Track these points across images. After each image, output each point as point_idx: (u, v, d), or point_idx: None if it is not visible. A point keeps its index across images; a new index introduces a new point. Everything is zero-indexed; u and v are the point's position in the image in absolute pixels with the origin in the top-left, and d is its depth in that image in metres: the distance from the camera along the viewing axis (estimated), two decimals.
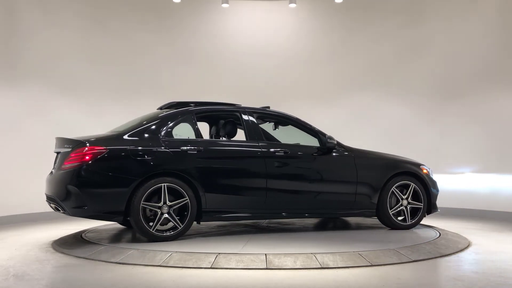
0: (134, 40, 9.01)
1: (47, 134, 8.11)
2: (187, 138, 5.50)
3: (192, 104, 5.84)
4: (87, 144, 5.09)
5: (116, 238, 5.58)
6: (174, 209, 5.15)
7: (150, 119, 5.52)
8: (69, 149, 5.21)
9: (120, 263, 4.48)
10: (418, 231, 5.87)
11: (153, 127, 5.38)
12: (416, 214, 6.01)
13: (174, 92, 8.95)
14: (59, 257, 4.88)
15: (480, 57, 8.16)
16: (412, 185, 5.98)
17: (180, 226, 5.18)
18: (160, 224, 5.17)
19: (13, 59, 7.80)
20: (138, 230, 5.15)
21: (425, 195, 6.03)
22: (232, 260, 4.37)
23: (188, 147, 5.30)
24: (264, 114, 6.05)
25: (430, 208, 6.10)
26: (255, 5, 9.39)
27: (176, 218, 5.17)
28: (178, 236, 5.20)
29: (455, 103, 8.40)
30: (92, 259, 4.67)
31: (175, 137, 5.46)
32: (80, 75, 8.53)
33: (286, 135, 6.19)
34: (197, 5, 9.25)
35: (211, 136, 6.33)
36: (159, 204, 5.10)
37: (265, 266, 4.25)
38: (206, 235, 5.71)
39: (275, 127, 6.27)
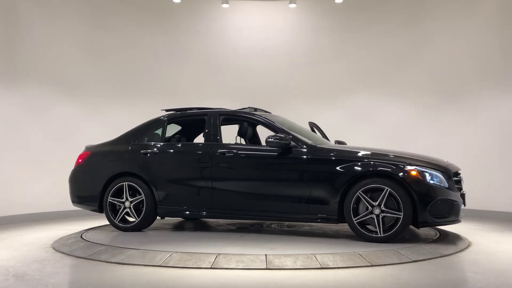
0: (134, 40, 9.01)
1: (47, 134, 8.13)
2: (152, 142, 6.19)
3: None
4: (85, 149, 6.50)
5: (116, 238, 5.58)
6: (135, 205, 5.92)
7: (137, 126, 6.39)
8: None
9: (120, 263, 4.48)
10: (418, 231, 5.85)
11: (131, 133, 6.30)
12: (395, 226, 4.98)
13: (174, 92, 8.97)
14: (59, 257, 4.88)
15: (480, 57, 8.15)
16: (386, 189, 4.96)
17: (137, 219, 5.92)
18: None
19: (12, 59, 7.80)
20: (107, 220, 6.09)
21: (409, 202, 4.94)
22: (232, 260, 4.37)
23: (147, 150, 5.99)
24: (232, 116, 6.13)
25: (417, 219, 4.95)
26: (255, 5, 9.39)
27: (134, 212, 5.94)
28: (138, 228, 5.95)
29: (456, 102, 8.39)
30: (92, 259, 4.68)
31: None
32: (81, 76, 8.53)
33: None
34: (197, 5, 9.25)
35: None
36: (123, 200, 5.95)
37: (265, 266, 4.24)
38: (206, 235, 5.72)
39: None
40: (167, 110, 6.47)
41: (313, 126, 6.67)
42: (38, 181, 7.91)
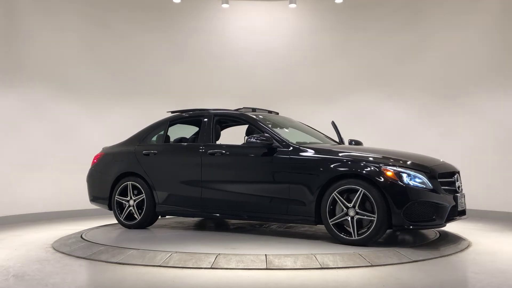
0: (135, 41, 9.01)
1: (47, 134, 8.13)
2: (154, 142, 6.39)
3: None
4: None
5: (116, 238, 5.58)
6: (138, 203, 6.12)
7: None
8: None
9: (120, 263, 4.49)
10: (418, 231, 5.84)
11: (138, 135, 6.51)
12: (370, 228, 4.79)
13: (174, 92, 8.96)
14: (59, 257, 4.88)
15: (480, 57, 8.15)
16: (361, 190, 4.79)
17: (138, 217, 6.10)
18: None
19: (15, 61, 7.81)
20: (115, 217, 6.37)
21: (383, 204, 4.72)
22: (232, 260, 4.37)
23: (148, 151, 6.20)
24: (224, 117, 6.17)
25: (391, 221, 4.72)
26: (255, 5, 9.39)
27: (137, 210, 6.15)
28: (140, 225, 6.14)
29: (455, 102, 8.38)
30: (92, 259, 4.68)
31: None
32: (81, 76, 8.53)
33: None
34: (197, 6, 9.25)
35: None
36: (128, 199, 6.21)
37: (265, 266, 4.25)
38: (206, 235, 5.72)
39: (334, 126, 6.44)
40: (172, 112, 6.52)
41: (334, 126, 6.60)
42: (38, 181, 7.91)
